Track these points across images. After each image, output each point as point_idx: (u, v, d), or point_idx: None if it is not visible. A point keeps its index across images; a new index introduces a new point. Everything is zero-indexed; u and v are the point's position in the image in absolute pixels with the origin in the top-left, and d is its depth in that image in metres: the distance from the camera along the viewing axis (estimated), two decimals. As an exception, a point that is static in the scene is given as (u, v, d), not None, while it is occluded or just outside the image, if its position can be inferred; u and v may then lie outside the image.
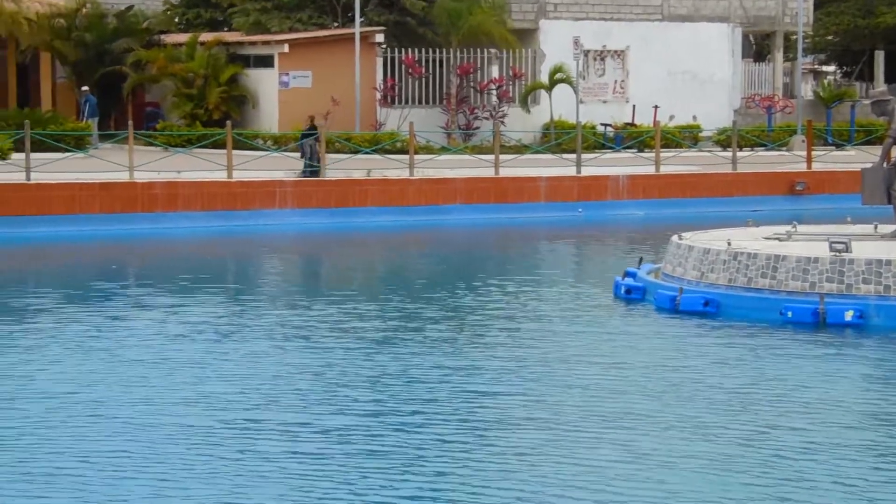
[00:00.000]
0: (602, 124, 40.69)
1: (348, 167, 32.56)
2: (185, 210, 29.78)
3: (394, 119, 39.11)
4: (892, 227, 20.00)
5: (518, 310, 19.59)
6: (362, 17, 38.88)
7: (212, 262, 26.28)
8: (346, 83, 38.31)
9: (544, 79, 40.83)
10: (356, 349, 16.46)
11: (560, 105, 39.90)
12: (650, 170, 34.76)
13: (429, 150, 36.07)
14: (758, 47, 54.17)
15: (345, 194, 31.26)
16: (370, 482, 11.11)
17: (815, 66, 61.85)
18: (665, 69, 43.75)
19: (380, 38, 39.93)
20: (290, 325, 18.18)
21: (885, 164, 20.15)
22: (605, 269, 23.30)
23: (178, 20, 45.74)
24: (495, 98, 40.50)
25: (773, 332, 17.39)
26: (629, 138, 39.27)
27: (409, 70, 40.18)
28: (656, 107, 41.59)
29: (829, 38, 56.58)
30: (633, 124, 41.69)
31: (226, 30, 43.18)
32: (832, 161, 37.13)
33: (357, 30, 37.89)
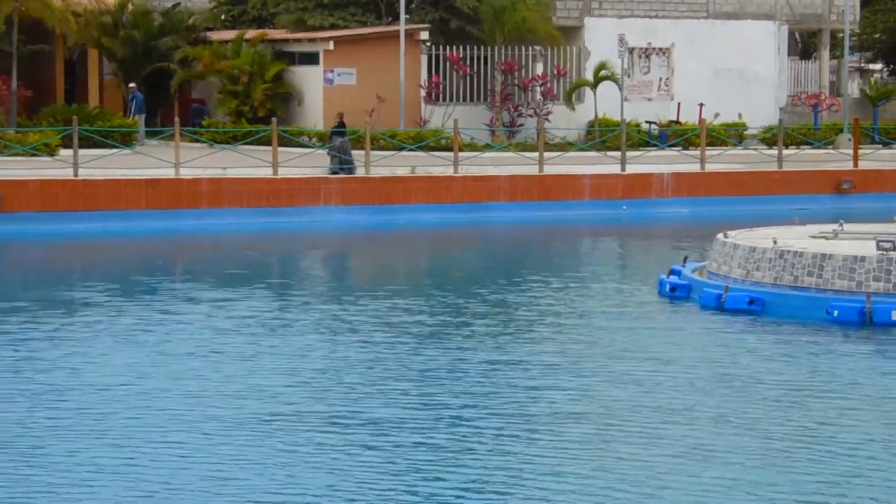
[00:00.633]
0: (647, 122, 40.61)
1: (393, 164, 32.65)
2: (231, 206, 29.94)
3: (438, 116, 39.18)
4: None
5: (562, 306, 19.63)
6: (407, 15, 38.95)
7: (258, 259, 26.43)
8: (391, 80, 38.40)
9: (589, 76, 40.78)
10: (404, 343, 16.57)
11: (605, 103, 39.85)
12: (695, 168, 34.67)
13: (473, 147, 36.11)
14: (804, 45, 53.89)
15: (389, 191, 31.35)
16: (420, 475, 11.20)
17: (862, 64, 61.47)
18: (710, 67, 43.61)
19: (424, 36, 39.99)
20: (337, 320, 18.30)
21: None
22: (650, 267, 23.27)
23: (223, 17, 45.95)
24: (539, 95, 40.50)
25: (820, 331, 17.35)
26: (674, 136, 39.17)
27: (454, 67, 40.23)
28: (701, 104, 41.46)
29: (876, 35, 56.17)
30: (677, 122, 41.58)
31: (270, 27, 43.33)
32: (879, 159, 36.92)
33: (402, 27, 37.97)
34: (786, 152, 36.08)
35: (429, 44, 40.24)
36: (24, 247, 27.25)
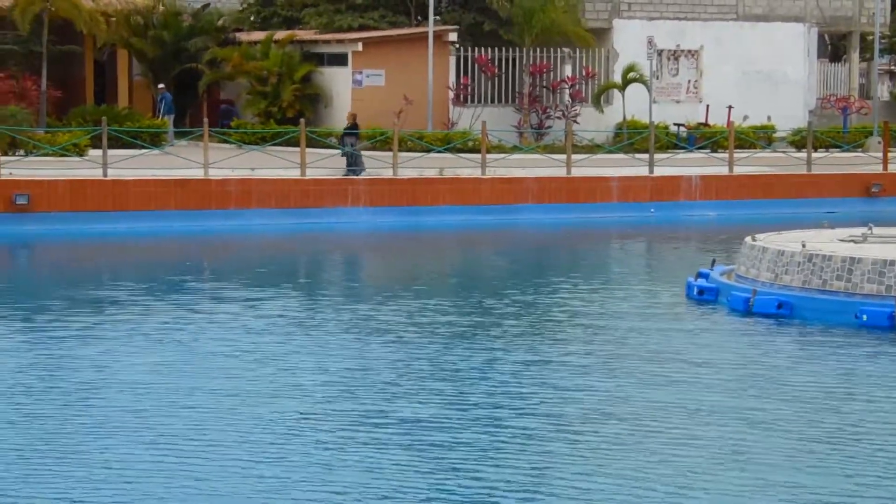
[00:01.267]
0: (675, 124, 40.53)
1: (420, 166, 32.66)
2: (259, 207, 30.01)
3: (466, 118, 39.18)
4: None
5: (590, 308, 19.65)
6: (437, 17, 38.98)
7: (287, 259, 26.50)
8: (419, 82, 38.43)
9: (617, 78, 40.72)
10: (436, 343, 16.66)
11: (633, 105, 39.78)
12: (723, 170, 34.57)
13: (501, 149, 36.11)
14: (833, 48, 53.65)
15: (416, 193, 31.36)
16: (455, 473, 11.26)
17: (892, 67, 61.10)
18: (739, 69, 43.49)
19: (453, 37, 40.01)
20: (368, 320, 18.38)
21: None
22: (677, 270, 23.22)
23: (252, 18, 46.07)
24: (568, 97, 40.46)
25: (849, 335, 17.29)
26: (702, 138, 39.07)
27: (482, 69, 40.23)
28: (730, 107, 41.35)
29: (907, 38, 55.86)
30: (706, 124, 41.47)
31: (299, 28, 43.43)
32: (909, 163, 36.73)
33: (430, 29, 38.00)
34: (815, 155, 35.95)
35: (457, 45, 40.25)
36: (54, 247, 27.40)
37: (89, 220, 28.55)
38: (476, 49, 40.49)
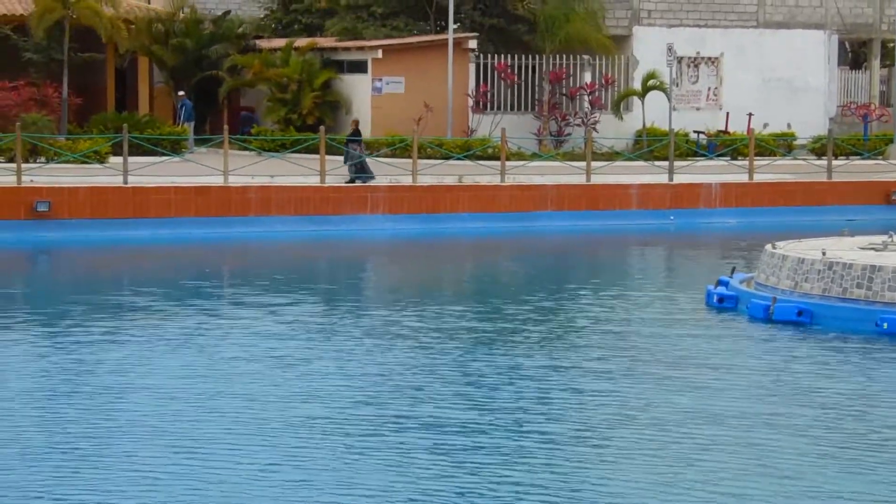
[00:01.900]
0: (695, 132, 40.46)
1: (440, 173, 32.69)
2: (279, 214, 30.07)
3: (485, 125, 39.20)
4: None
5: (611, 315, 19.67)
6: (458, 23, 39.02)
7: (307, 266, 26.56)
8: (439, 89, 38.47)
9: (637, 86, 40.69)
10: (458, 349, 16.73)
11: (653, 112, 39.75)
12: (743, 178, 34.51)
13: (520, 156, 36.11)
14: (854, 55, 53.52)
15: (436, 200, 31.38)
16: (476, 476, 11.32)
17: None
18: (759, 76, 43.42)
19: (472, 45, 40.03)
20: (389, 325, 18.45)
21: None
22: (697, 278, 23.21)
23: (273, 25, 46.17)
24: (587, 104, 40.44)
25: (869, 343, 17.28)
26: (722, 146, 39.00)
27: (502, 76, 40.24)
28: (750, 114, 41.28)
29: (928, 45, 55.70)
30: (726, 132, 41.39)
31: (319, 35, 43.51)
32: (929, 170, 36.62)
33: (450, 36, 38.04)
34: (835, 163, 35.86)
35: (477, 52, 40.28)
36: (75, 253, 27.51)
37: (110, 227, 28.64)
38: (496, 56, 40.50)
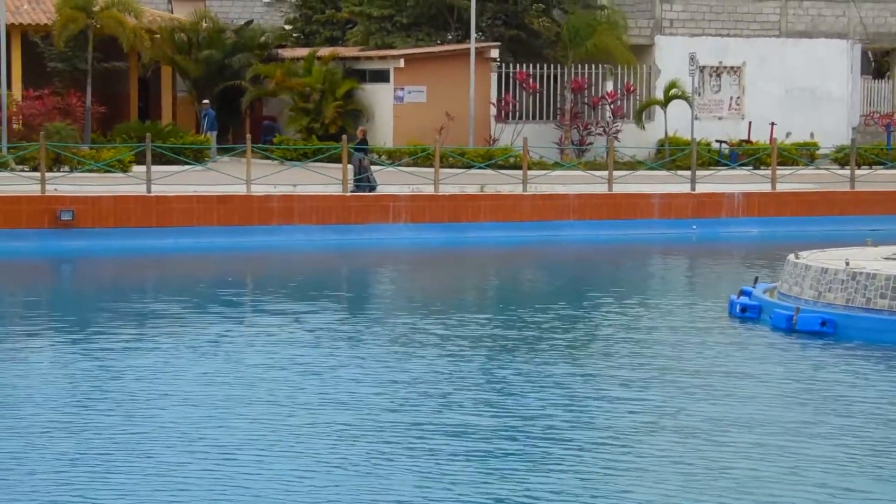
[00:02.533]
0: (717, 141, 40.41)
1: (462, 182, 32.72)
2: (301, 223, 30.12)
3: (507, 134, 39.21)
4: None
5: (634, 325, 19.67)
6: (479, 33, 39.05)
7: (330, 274, 26.61)
8: (461, 98, 38.52)
9: (659, 95, 40.66)
10: (483, 356, 16.79)
11: (675, 121, 39.70)
12: (766, 187, 34.45)
13: (542, 165, 36.11)
14: (877, 64, 53.37)
15: (458, 209, 31.41)
16: (505, 482, 11.37)
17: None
18: (782, 86, 43.33)
19: (494, 54, 40.06)
20: (415, 333, 18.50)
21: None
22: (720, 288, 23.18)
23: (295, 35, 46.28)
24: (609, 114, 40.43)
25: (894, 352, 17.22)
26: (745, 155, 38.93)
27: (523, 85, 40.26)
28: (773, 123, 41.20)
29: (951, 54, 55.49)
30: (748, 141, 41.33)
31: (341, 44, 43.59)
32: (953, 180, 36.49)
33: (472, 45, 38.08)
34: (858, 172, 35.76)
35: (498, 62, 40.30)
36: (99, 262, 27.62)
37: (133, 235, 28.75)
38: (517, 65, 40.52)
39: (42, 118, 34.62)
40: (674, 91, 39.77)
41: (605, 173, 33.43)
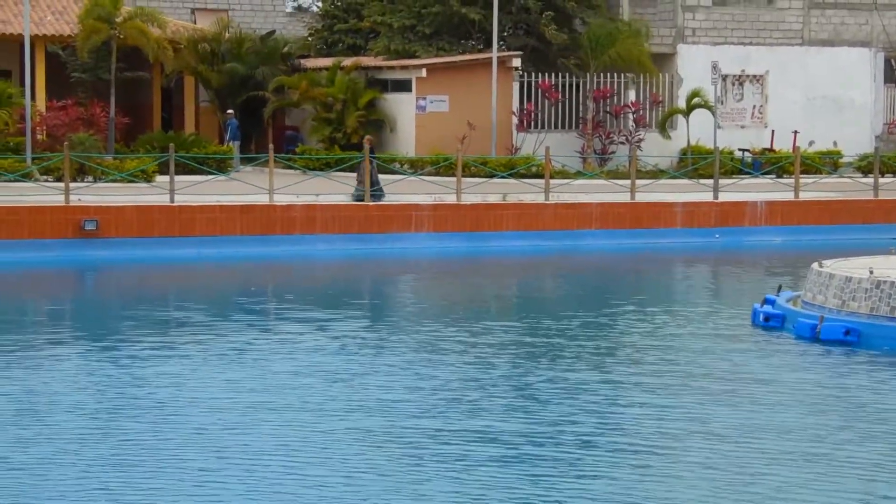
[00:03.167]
0: (740, 149, 40.37)
1: (484, 191, 32.75)
2: (323, 233, 30.18)
3: (529, 143, 39.24)
4: None
5: (657, 333, 19.67)
6: (501, 42, 39.10)
7: (353, 283, 26.66)
8: (483, 107, 38.57)
9: (682, 103, 40.64)
10: (510, 363, 16.87)
11: (697, 130, 39.67)
12: (789, 196, 34.39)
13: (564, 174, 36.10)
14: (899, 72, 53.23)
15: (480, 218, 31.43)
16: (536, 487, 11.42)
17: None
18: (805, 94, 43.28)
19: (517, 63, 40.10)
20: (440, 340, 18.56)
21: None
22: (743, 296, 23.16)
23: (319, 46, 46.39)
24: (632, 123, 40.42)
25: (919, 362, 17.25)
26: (768, 164, 38.88)
27: (546, 94, 40.29)
28: (796, 132, 41.14)
29: (974, 63, 55.34)
30: (771, 150, 41.27)
31: (363, 54, 43.69)
32: (977, 188, 36.36)
33: (494, 54, 38.13)
34: (882, 180, 35.68)
35: (521, 71, 40.35)
36: (122, 271, 27.72)
37: (156, 245, 28.84)
38: (540, 74, 40.56)
39: (66, 129, 34.76)
40: (696, 100, 39.76)
41: (628, 182, 33.42)
